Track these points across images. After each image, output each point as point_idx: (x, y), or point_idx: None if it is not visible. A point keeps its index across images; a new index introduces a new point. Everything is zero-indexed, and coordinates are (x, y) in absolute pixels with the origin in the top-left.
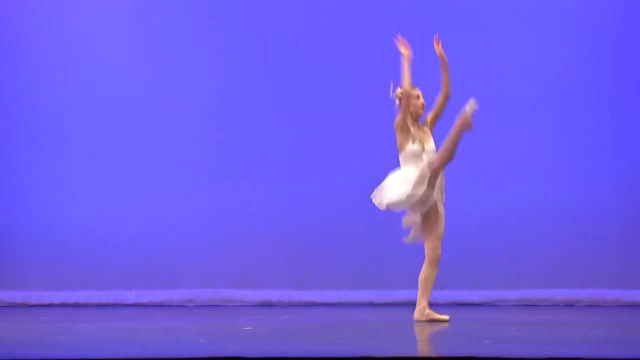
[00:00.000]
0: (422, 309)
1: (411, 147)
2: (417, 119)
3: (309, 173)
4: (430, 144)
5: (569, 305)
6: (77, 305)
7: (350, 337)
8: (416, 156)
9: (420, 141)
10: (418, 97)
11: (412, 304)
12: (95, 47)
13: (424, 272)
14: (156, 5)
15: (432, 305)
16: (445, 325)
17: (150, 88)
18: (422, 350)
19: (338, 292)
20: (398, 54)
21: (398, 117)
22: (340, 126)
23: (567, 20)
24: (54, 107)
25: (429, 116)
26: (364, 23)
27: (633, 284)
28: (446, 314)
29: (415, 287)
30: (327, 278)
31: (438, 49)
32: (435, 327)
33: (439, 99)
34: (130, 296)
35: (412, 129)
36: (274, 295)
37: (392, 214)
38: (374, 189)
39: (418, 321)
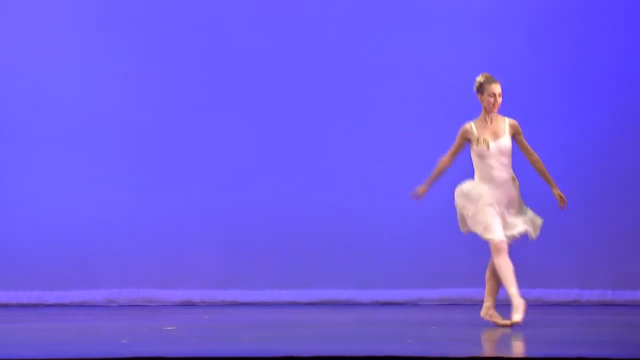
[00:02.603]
0: (486, 307)
1: (475, 147)
2: (489, 114)
3: (229, 173)
4: (501, 140)
5: None
6: None
7: (271, 336)
8: (480, 156)
9: (484, 141)
10: (492, 94)
11: (334, 304)
12: (21, 40)
13: (489, 267)
14: None
15: (354, 305)
16: (507, 330)
17: (69, 83)
18: (344, 349)
19: (260, 292)
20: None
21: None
22: (262, 127)
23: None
24: None
25: (518, 138)
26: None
27: (553, 284)
28: (374, 314)
29: (338, 286)
30: (248, 278)
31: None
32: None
33: (530, 157)
34: (51, 296)
35: (476, 130)
36: (196, 295)
37: (315, 211)
38: (295, 187)
39: (483, 319)
